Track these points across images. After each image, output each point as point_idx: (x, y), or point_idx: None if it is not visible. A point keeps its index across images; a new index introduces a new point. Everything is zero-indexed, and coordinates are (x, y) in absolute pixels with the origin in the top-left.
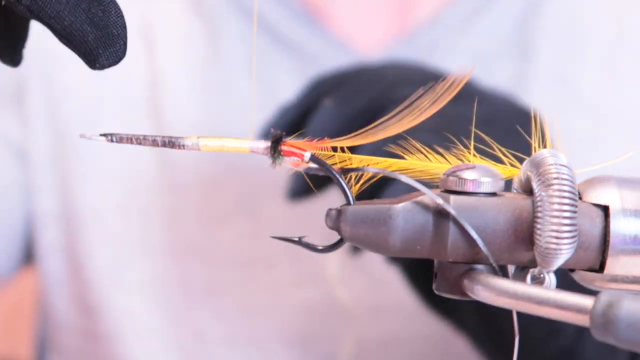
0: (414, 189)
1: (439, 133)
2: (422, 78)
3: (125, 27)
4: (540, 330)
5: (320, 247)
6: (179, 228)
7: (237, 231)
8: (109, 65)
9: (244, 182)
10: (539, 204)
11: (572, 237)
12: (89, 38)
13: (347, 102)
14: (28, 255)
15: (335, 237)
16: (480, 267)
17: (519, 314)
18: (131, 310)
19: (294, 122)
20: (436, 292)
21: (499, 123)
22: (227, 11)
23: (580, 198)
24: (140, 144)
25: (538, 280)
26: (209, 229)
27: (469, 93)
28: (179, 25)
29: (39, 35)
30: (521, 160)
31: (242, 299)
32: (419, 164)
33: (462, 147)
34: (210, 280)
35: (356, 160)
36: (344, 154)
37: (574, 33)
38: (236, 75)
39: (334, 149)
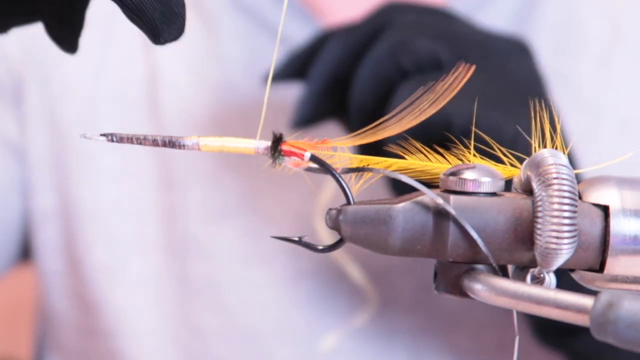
0: (414, 189)
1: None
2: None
3: (184, 6)
4: None
5: (320, 247)
6: (177, 225)
7: (235, 227)
8: (171, 41)
9: (243, 179)
10: (539, 204)
11: (572, 237)
12: (156, 14)
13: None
14: (25, 252)
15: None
16: (480, 267)
17: None
18: (130, 306)
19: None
20: (436, 292)
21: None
22: (225, 9)
23: (580, 198)
24: (140, 143)
25: (538, 280)
26: (208, 226)
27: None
28: None
29: (36, 36)
30: (521, 161)
31: (241, 294)
32: (419, 164)
33: (462, 147)
34: (209, 276)
35: (356, 160)
36: (344, 154)
37: (570, 30)
38: (236, 73)
39: (334, 149)
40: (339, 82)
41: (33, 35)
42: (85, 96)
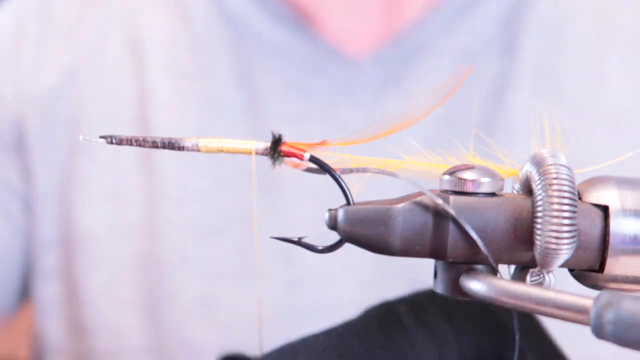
0: (414, 189)
1: None
2: None
3: None
4: None
5: (319, 248)
6: (171, 241)
7: (228, 242)
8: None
9: (235, 194)
10: (538, 204)
11: (572, 237)
12: None
13: None
14: (27, 288)
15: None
16: (480, 267)
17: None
18: (125, 325)
19: None
20: (435, 292)
21: None
22: (212, 19)
23: (580, 198)
24: (140, 145)
25: (538, 280)
26: (201, 241)
27: None
28: (165, 38)
29: (30, 76)
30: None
31: (235, 309)
32: (419, 164)
33: (462, 147)
34: (202, 291)
35: (356, 161)
36: (344, 154)
37: (558, 31)
38: (224, 86)
39: (334, 149)
40: None
41: (27, 77)
42: (83, 123)
